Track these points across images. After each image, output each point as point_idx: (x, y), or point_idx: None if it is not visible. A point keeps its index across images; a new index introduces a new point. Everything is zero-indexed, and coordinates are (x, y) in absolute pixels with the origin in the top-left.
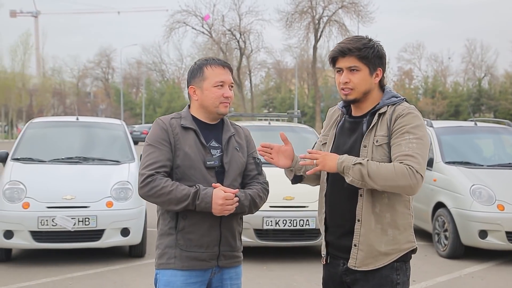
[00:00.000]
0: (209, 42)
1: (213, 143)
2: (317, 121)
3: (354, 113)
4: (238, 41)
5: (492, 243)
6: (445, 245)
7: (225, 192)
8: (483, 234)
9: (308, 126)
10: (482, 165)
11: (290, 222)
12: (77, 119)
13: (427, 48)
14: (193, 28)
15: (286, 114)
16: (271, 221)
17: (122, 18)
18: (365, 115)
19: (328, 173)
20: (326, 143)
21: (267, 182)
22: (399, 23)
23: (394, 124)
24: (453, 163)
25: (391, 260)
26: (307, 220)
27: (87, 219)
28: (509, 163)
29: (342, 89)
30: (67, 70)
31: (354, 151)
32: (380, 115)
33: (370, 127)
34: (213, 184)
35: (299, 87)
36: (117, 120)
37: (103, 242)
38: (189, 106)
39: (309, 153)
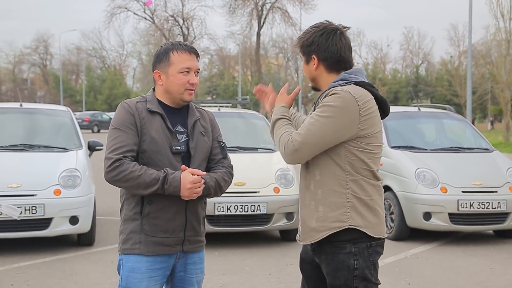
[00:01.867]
0: (151, 28)
1: (179, 128)
2: (261, 108)
3: None
4: (181, 27)
5: (435, 225)
6: (391, 227)
7: (193, 174)
8: (427, 216)
9: (257, 112)
10: (426, 149)
11: (241, 208)
12: (21, 105)
13: (367, 36)
14: (134, 13)
15: (235, 100)
16: (222, 207)
17: (60, 2)
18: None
19: None
20: None
21: (232, 166)
22: (340, 10)
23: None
24: (398, 147)
25: (322, 236)
26: (258, 205)
27: (34, 208)
28: (451, 147)
29: None
30: (2, 55)
31: None
32: (320, 97)
33: (313, 108)
34: (182, 167)
35: (242, 74)
36: (62, 107)
37: (51, 231)
38: (153, 89)
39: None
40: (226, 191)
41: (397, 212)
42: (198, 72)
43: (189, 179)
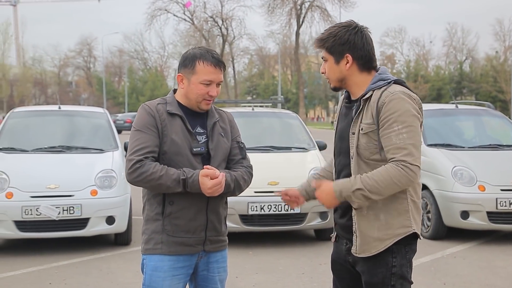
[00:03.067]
0: (191, 29)
1: (199, 129)
2: (301, 107)
3: (352, 97)
4: (220, 28)
5: (473, 224)
6: (428, 226)
7: (211, 177)
8: (464, 214)
9: (291, 112)
10: (464, 147)
11: (275, 207)
12: (59, 108)
13: (409, 32)
14: (174, 15)
15: (269, 100)
16: (256, 206)
17: (102, 6)
18: (356, 101)
19: (335, 157)
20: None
21: (251, 166)
22: (380, 7)
23: (379, 113)
24: (435, 145)
25: (387, 245)
26: None
27: (71, 208)
28: (490, 145)
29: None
30: (47, 59)
31: (346, 136)
32: (365, 101)
33: (357, 113)
34: (205, 166)
35: (282, 73)
36: (99, 109)
37: (88, 231)
38: (174, 90)
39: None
40: (260, 190)
41: (434, 211)
42: (219, 84)
43: (208, 185)
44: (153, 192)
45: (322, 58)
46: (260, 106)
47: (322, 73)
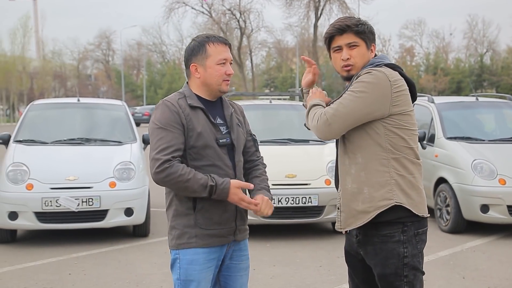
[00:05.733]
0: (209, 22)
1: (219, 120)
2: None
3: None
4: (238, 21)
5: (493, 217)
6: (447, 220)
7: (244, 199)
8: (484, 208)
9: None
10: (484, 140)
11: (292, 200)
12: (78, 100)
13: (428, 25)
14: (192, 8)
15: (287, 92)
16: (274, 199)
17: None
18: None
19: (337, 143)
20: None
21: (262, 157)
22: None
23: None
24: (455, 138)
25: (370, 217)
26: (310, 197)
27: (90, 200)
28: (511, 138)
29: (344, 66)
30: (67, 52)
31: None
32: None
33: (343, 92)
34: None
35: (300, 66)
36: (118, 101)
37: (107, 222)
38: (187, 83)
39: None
40: (277, 183)
41: (453, 205)
42: (231, 63)
43: (237, 199)
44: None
45: (348, 44)
46: (278, 99)
47: (347, 59)
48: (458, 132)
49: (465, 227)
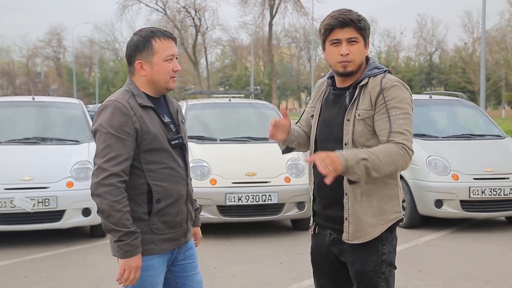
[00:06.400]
0: (163, 20)
1: (167, 119)
2: (273, 98)
3: (338, 84)
4: (193, 19)
5: (447, 212)
6: (403, 215)
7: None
8: (438, 203)
9: (268, 102)
10: (437, 137)
11: (252, 198)
12: (33, 98)
13: (380, 24)
14: (146, 5)
15: (247, 91)
16: (233, 197)
17: None
18: (348, 88)
19: (315, 145)
20: (313, 115)
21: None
22: None
23: (378, 97)
24: None
25: (381, 231)
26: (269, 195)
27: (47, 200)
28: (463, 134)
29: (341, 61)
30: (15, 49)
31: (337, 123)
32: (361, 87)
33: (353, 100)
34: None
35: (254, 64)
36: (74, 100)
37: (64, 223)
38: (130, 79)
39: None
40: (238, 181)
41: (409, 200)
42: (177, 58)
43: (132, 276)
44: (138, 191)
45: (349, 39)
46: (233, 97)
47: (346, 54)
48: (413, 129)
49: (420, 222)
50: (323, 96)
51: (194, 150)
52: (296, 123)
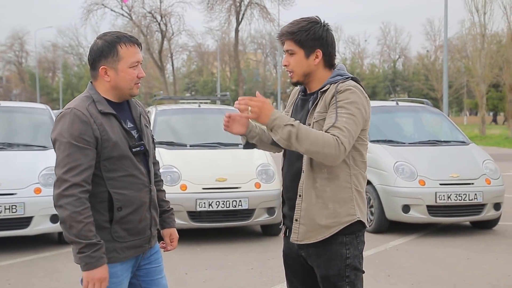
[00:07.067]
0: (129, 25)
1: (129, 125)
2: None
3: (308, 91)
4: (159, 24)
5: (414, 217)
6: (371, 220)
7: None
8: (406, 208)
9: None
10: (404, 143)
11: (223, 203)
12: None
13: (345, 31)
14: (112, 10)
15: (215, 97)
16: (204, 203)
17: None
18: (313, 94)
19: (285, 149)
20: None
21: (158, 162)
22: (318, 5)
23: (331, 99)
24: (377, 141)
25: (332, 232)
26: (240, 200)
27: (14, 207)
28: (429, 140)
29: (287, 71)
30: None
31: None
32: (323, 93)
33: (314, 105)
34: None
35: (221, 70)
36: (41, 105)
37: (32, 230)
38: (91, 84)
39: (245, 100)
40: (208, 187)
41: (377, 205)
42: (141, 64)
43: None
44: (98, 199)
45: (287, 51)
46: (200, 103)
47: (285, 65)
48: (381, 135)
49: (388, 227)
50: (295, 101)
51: (164, 156)
52: None
